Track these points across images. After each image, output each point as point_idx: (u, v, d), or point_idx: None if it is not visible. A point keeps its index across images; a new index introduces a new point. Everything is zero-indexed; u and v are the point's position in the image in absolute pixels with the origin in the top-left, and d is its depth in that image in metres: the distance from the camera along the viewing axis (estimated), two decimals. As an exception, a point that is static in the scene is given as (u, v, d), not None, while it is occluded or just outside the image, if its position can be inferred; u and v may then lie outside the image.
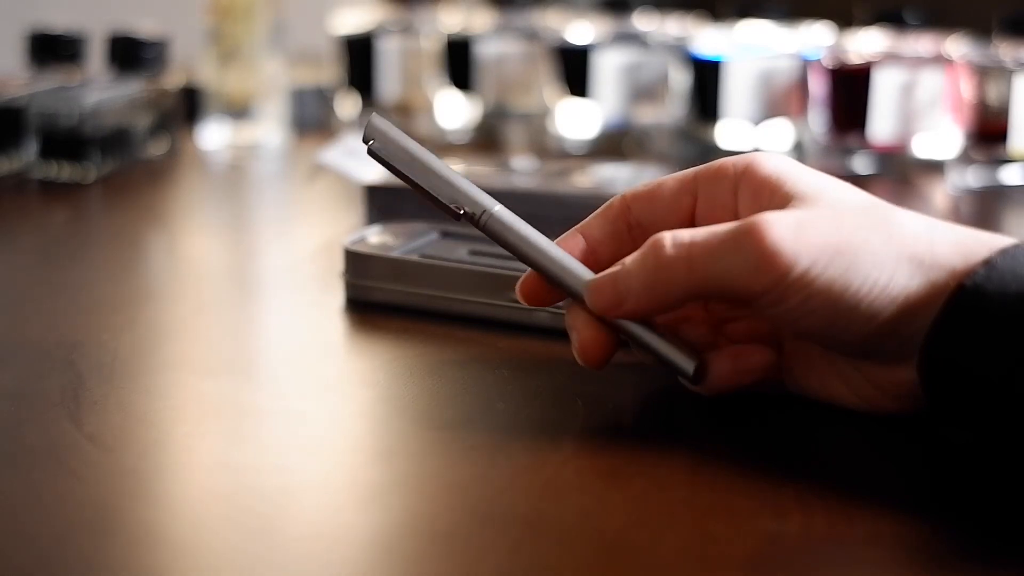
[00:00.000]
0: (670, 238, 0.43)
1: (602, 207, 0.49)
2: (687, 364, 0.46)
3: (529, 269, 0.48)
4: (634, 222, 0.48)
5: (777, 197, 0.44)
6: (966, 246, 0.42)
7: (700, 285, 0.43)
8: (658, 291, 0.44)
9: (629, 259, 0.45)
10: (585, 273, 0.47)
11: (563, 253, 0.47)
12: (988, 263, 0.41)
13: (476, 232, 0.48)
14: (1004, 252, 0.42)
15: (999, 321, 0.40)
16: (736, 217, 0.45)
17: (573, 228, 0.49)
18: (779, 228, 0.41)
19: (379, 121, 0.49)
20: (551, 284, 0.47)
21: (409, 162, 0.49)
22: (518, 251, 0.48)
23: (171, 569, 0.36)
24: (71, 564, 0.36)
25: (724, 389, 0.46)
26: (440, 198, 0.48)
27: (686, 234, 0.43)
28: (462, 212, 0.48)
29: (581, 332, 0.46)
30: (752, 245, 0.41)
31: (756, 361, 0.46)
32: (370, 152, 0.48)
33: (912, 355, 0.42)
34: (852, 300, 0.42)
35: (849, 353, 0.45)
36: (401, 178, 0.49)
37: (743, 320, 0.48)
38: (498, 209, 0.48)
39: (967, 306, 0.41)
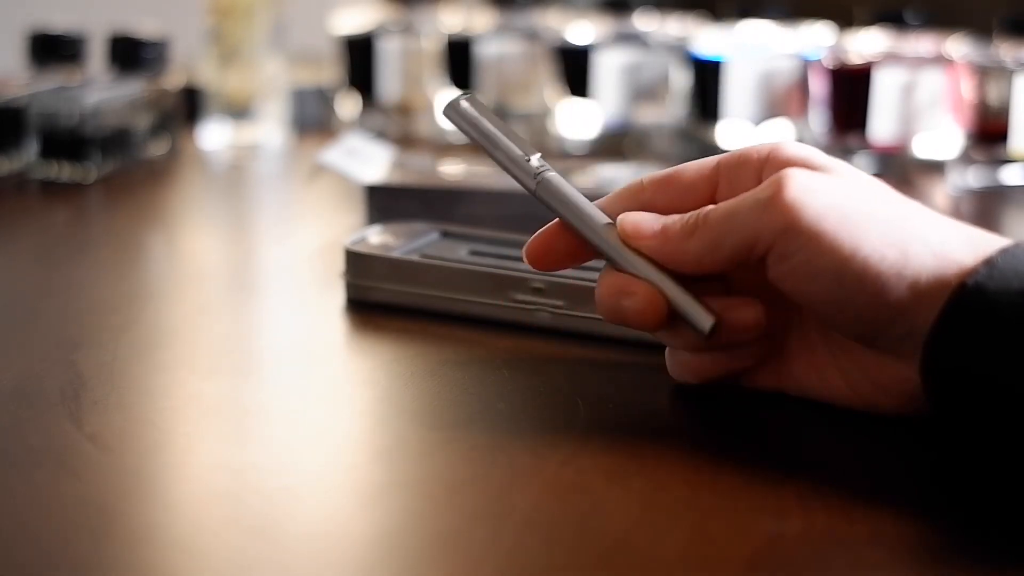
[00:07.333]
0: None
1: (620, 188, 0.49)
2: (705, 320, 0.46)
3: (539, 232, 0.49)
4: (648, 203, 0.48)
5: None
6: (977, 244, 0.43)
7: (726, 235, 0.44)
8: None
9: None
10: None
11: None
12: (989, 262, 0.41)
13: (476, 232, 0.48)
14: (1005, 251, 0.42)
15: (1001, 320, 0.40)
16: None
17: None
18: (797, 180, 0.43)
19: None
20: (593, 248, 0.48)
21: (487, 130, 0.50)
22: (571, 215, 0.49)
23: (171, 569, 0.36)
24: (71, 564, 0.36)
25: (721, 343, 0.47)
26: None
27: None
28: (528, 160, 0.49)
29: (639, 292, 0.46)
30: (769, 191, 0.43)
31: (749, 316, 0.46)
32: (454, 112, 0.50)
33: (916, 348, 0.42)
34: (860, 268, 0.42)
35: (855, 334, 0.44)
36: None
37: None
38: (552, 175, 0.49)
39: (969, 304, 0.41)
